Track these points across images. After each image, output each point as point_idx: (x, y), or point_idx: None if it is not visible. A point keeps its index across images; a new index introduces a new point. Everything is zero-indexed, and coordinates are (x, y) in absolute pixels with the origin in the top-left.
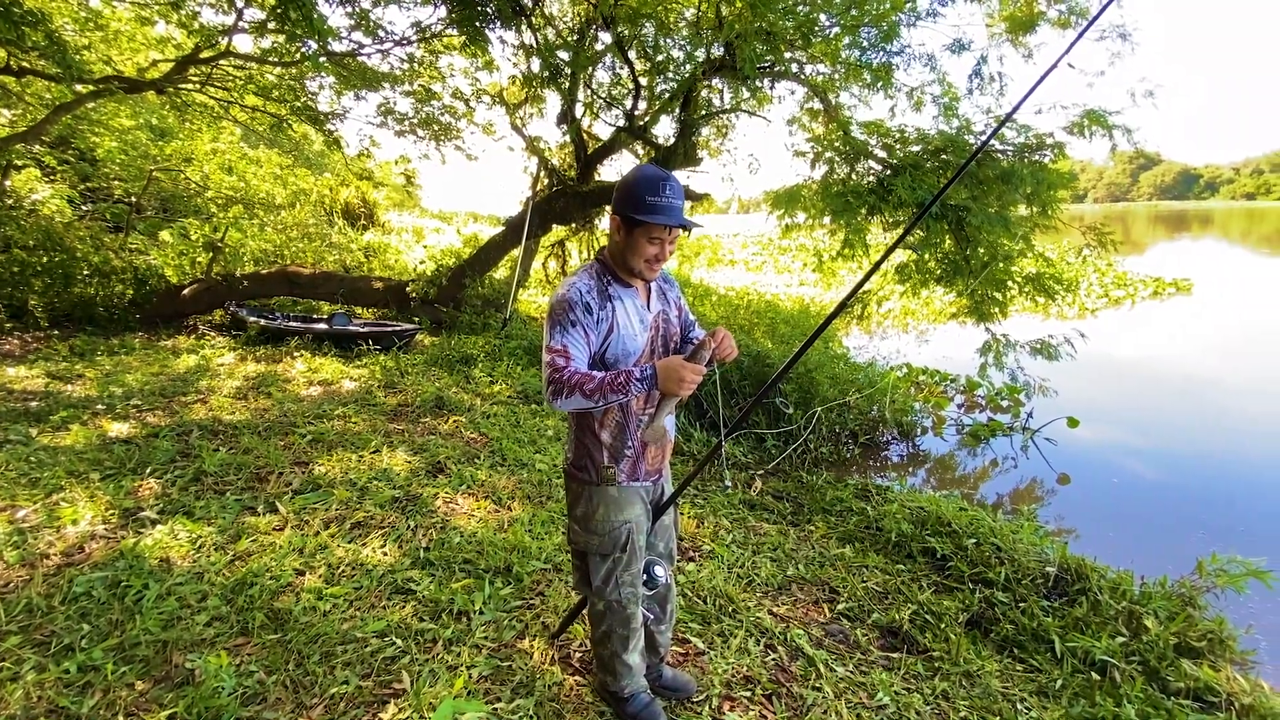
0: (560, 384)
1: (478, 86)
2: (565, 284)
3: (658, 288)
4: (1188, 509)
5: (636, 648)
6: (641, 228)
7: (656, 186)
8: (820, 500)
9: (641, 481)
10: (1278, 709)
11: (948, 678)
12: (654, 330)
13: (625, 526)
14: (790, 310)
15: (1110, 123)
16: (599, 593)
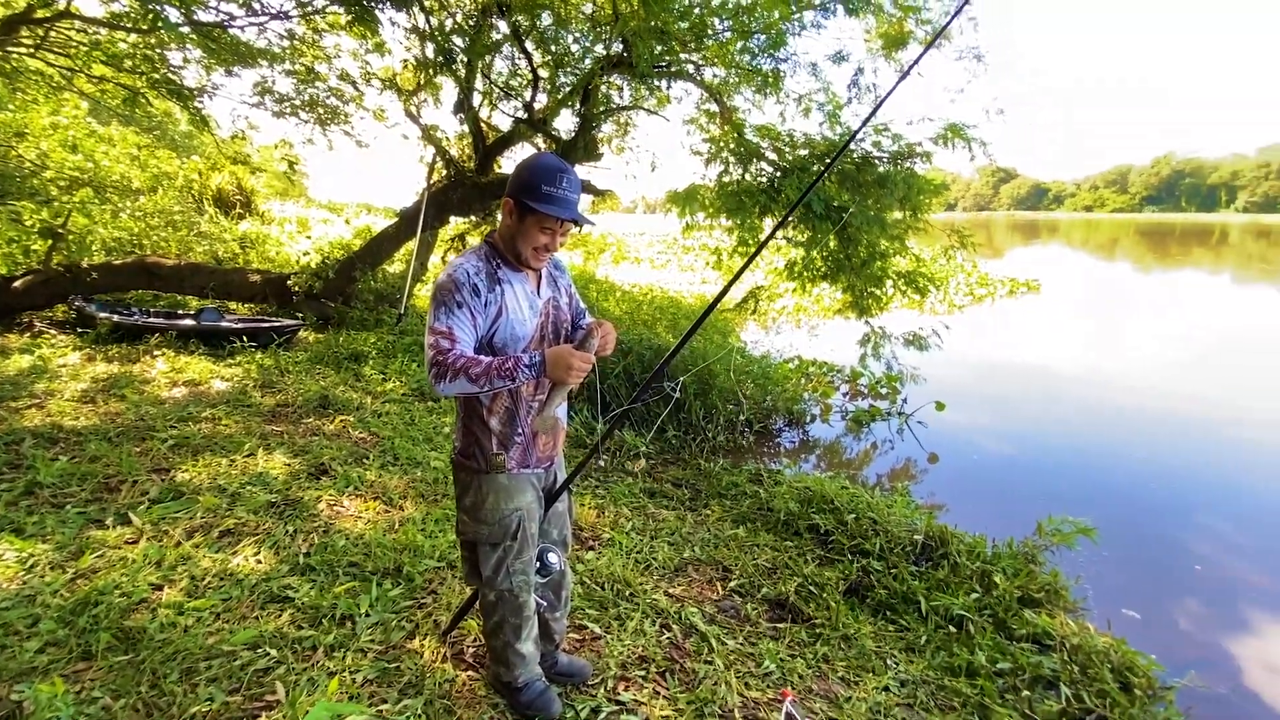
0: (444, 366)
1: (368, 70)
2: (452, 265)
3: (548, 274)
4: (1033, 479)
5: (530, 636)
6: (534, 216)
7: (555, 177)
8: (717, 485)
9: (533, 469)
10: (1100, 646)
11: (828, 642)
12: (544, 316)
13: (516, 514)
14: (692, 306)
15: (969, 135)
16: (490, 583)
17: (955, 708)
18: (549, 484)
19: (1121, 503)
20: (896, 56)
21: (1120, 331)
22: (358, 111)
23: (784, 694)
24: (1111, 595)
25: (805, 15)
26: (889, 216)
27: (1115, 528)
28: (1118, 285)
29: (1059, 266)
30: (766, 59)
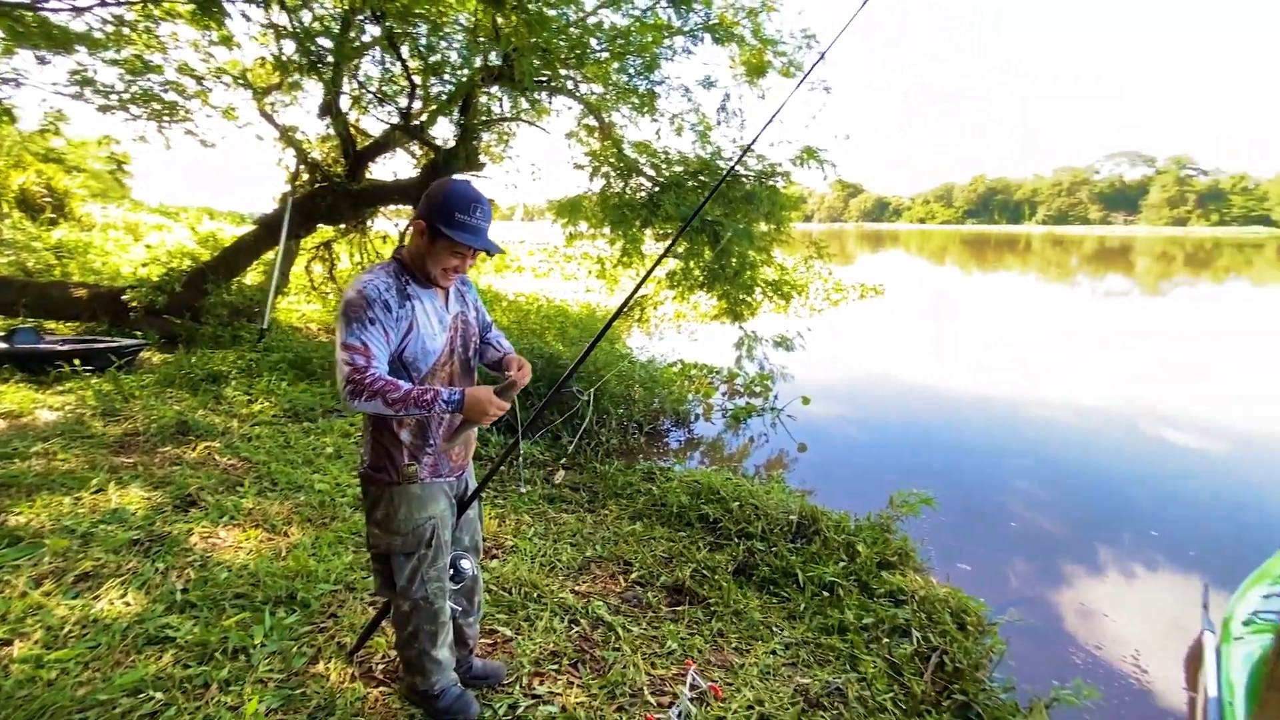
0: (361, 385)
1: (213, 64)
2: (360, 281)
3: (456, 290)
4: (885, 458)
5: (445, 642)
6: (446, 240)
7: (469, 206)
8: (613, 486)
9: (445, 478)
10: (941, 595)
11: (722, 618)
12: (453, 331)
13: (429, 523)
14: (578, 315)
15: (821, 157)
16: (404, 593)
17: (831, 660)
18: (460, 492)
19: (955, 473)
20: (758, 83)
21: (949, 328)
22: (203, 109)
23: (687, 664)
24: (949, 552)
25: (676, 41)
26: (756, 229)
27: (951, 495)
28: (947, 288)
29: (899, 273)
30: (642, 80)
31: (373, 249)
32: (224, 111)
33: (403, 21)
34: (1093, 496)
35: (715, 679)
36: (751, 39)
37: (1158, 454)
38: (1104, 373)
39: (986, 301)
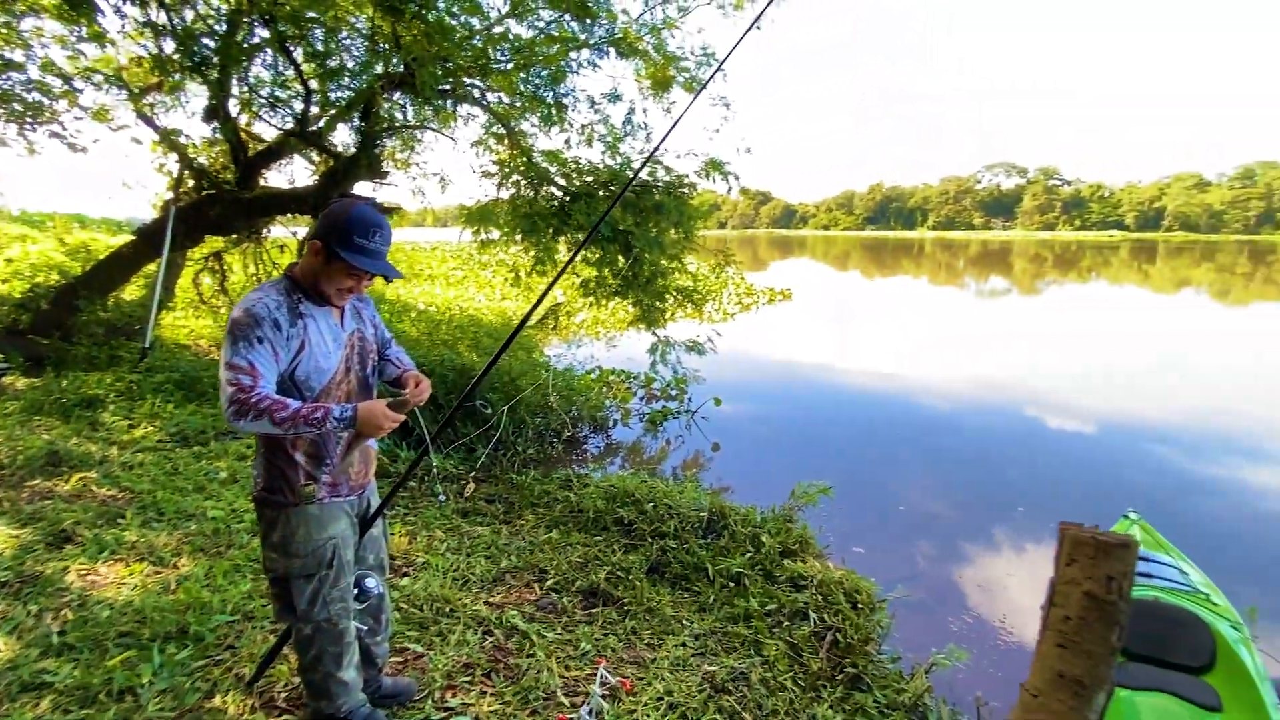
0: (246, 405)
1: (82, 62)
2: (248, 299)
3: (352, 306)
4: (791, 452)
5: (351, 663)
6: (342, 262)
7: (369, 231)
8: (529, 496)
9: (345, 497)
10: (836, 578)
11: (635, 616)
12: (349, 349)
13: (330, 543)
14: (493, 324)
15: (725, 169)
16: (306, 616)
17: (737, 648)
18: (362, 510)
19: (853, 463)
20: (663, 97)
21: (850, 327)
22: (71, 109)
23: (598, 662)
24: (846, 537)
25: (582, 53)
26: (667, 238)
27: (848, 484)
28: (849, 290)
29: (806, 277)
30: (548, 91)
31: (269, 259)
32: (95, 113)
33: (295, 25)
34: (971, 478)
35: (627, 675)
36: (655, 54)
37: (1029, 436)
38: (985, 365)
39: (884, 302)
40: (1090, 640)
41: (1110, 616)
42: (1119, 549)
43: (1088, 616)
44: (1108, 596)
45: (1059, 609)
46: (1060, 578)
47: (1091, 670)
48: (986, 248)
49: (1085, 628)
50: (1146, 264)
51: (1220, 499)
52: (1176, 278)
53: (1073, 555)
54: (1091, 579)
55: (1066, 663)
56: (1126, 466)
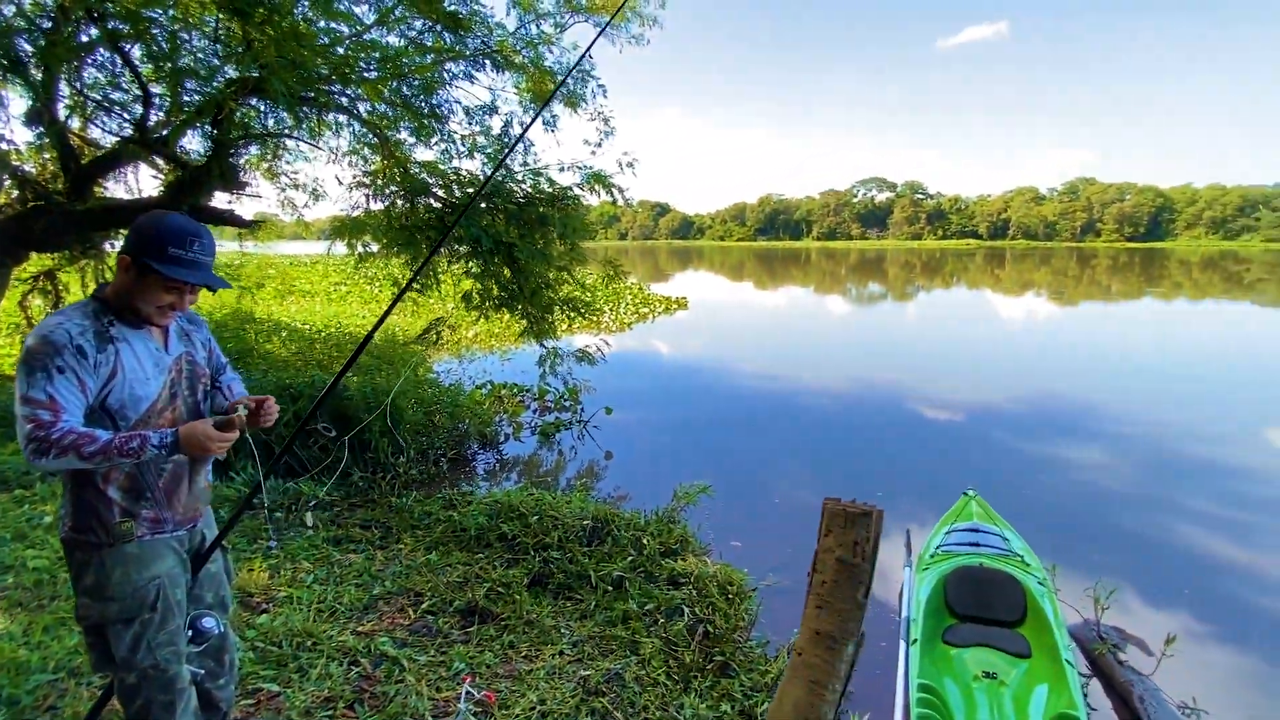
0: (46, 443)
1: None
2: (46, 325)
3: (179, 328)
4: (680, 455)
5: (187, 710)
6: (157, 276)
7: (185, 241)
8: (410, 519)
9: (171, 533)
10: (712, 572)
11: (514, 630)
12: (175, 374)
13: (154, 583)
14: (376, 341)
15: (609, 182)
16: (127, 664)
17: (614, 650)
18: (195, 545)
19: (735, 461)
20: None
21: (741, 333)
22: None
23: (464, 679)
24: (725, 532)
25: (459, 64)
26: (553, 250)
27: (730, 481)
28: (742, 298)
29: (703, 285)
30: (421, 101)
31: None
32: None
33: (130, 23)
34: (840, 467)
35: (501, 688)
36: (533, 68)
37: (892, 427)
38: (859, 363)
39: (773, 308)
40: (841, 599)
41: (856, 577)
42: (863, 517)
43: (840, 579)
44: (854, 560)
45: (819, 574)
46: (820, 547)
47: (841, 626)
48: (864, 256)
49: (837, 589)
50: (997, 269)
51: (1045, 473)
52: (1021, 280)
53: (829, 526)
54: (842, 545)
55: (822, 621)
56: (973, 449)
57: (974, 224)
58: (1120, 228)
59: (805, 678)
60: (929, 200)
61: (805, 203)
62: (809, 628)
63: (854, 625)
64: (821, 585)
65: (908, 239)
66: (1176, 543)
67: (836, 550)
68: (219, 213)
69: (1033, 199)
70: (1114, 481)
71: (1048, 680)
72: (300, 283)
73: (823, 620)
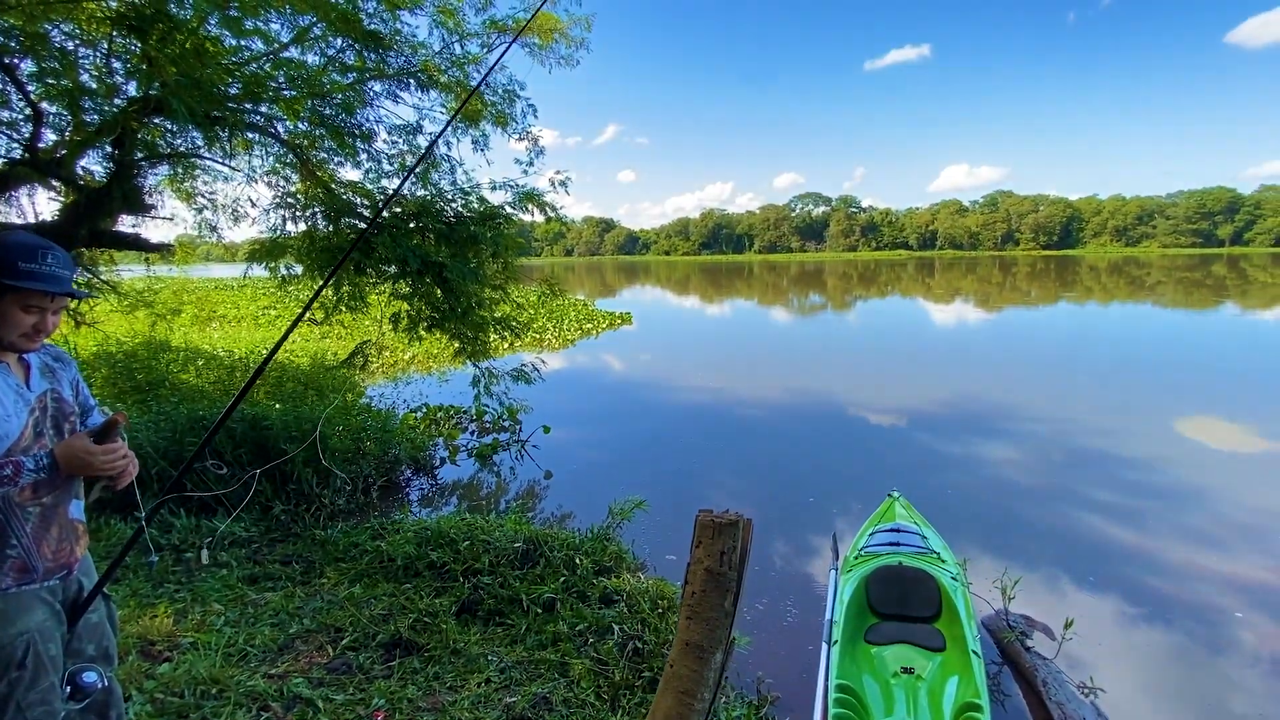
0: None
1: None
2: None
3: (43, 364)
4: (618, 470)
5: None
6: (14, 294)
7: (35, 254)
8: (334, 551)
9: (41, 582)
10: (645, 587)
11: (439, 661)
12: (39, 411)
13: (21, 639)
14: (302, 365)
15: (542, 200)
16: None
17: (543, 673)
18: (72, 595)
19: (672, 475)
20: (475, 129)
21: (684, 348)
22: None
23: (375, 716)
24: (660, 547)
25: (379, 84)
26: (486, 269)
27: (666, 495)
28: (684, 312)
29: (648, 300)
30: (342, 120)
31: None
32: None
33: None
34: (774, 475)
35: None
36: (458, 89)
37: (825, 434)
38: (797, 375)
39: (714, 321)
40: (708, 608)
41: (723, 585)
42: (729, 527)
43: (707, 589)
44: (720, 569)
45: (689, 586)
46: (691, 559)
47: (709, 635)
48: (804, 268)
49: (705, 598)
50: (928, 278)
51: (963, 472)
52: (950, 288)
53: (700, 538)
54: (710, 555)
55: (692, 632)
56: (900, 452)
57: (904, 235)
58: (1036, 236)
59: (675, 688)
60: (862, 214)
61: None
62: (680, 639)
63: (722, 634)
64: (691, 596)
65: (844, 251)
66: (1081, 532)
67: (705, 561)
68: (123, 236)
69: (957, 211)
70: (1025, 476)
71: (958, 672)
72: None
73: (692, 630)
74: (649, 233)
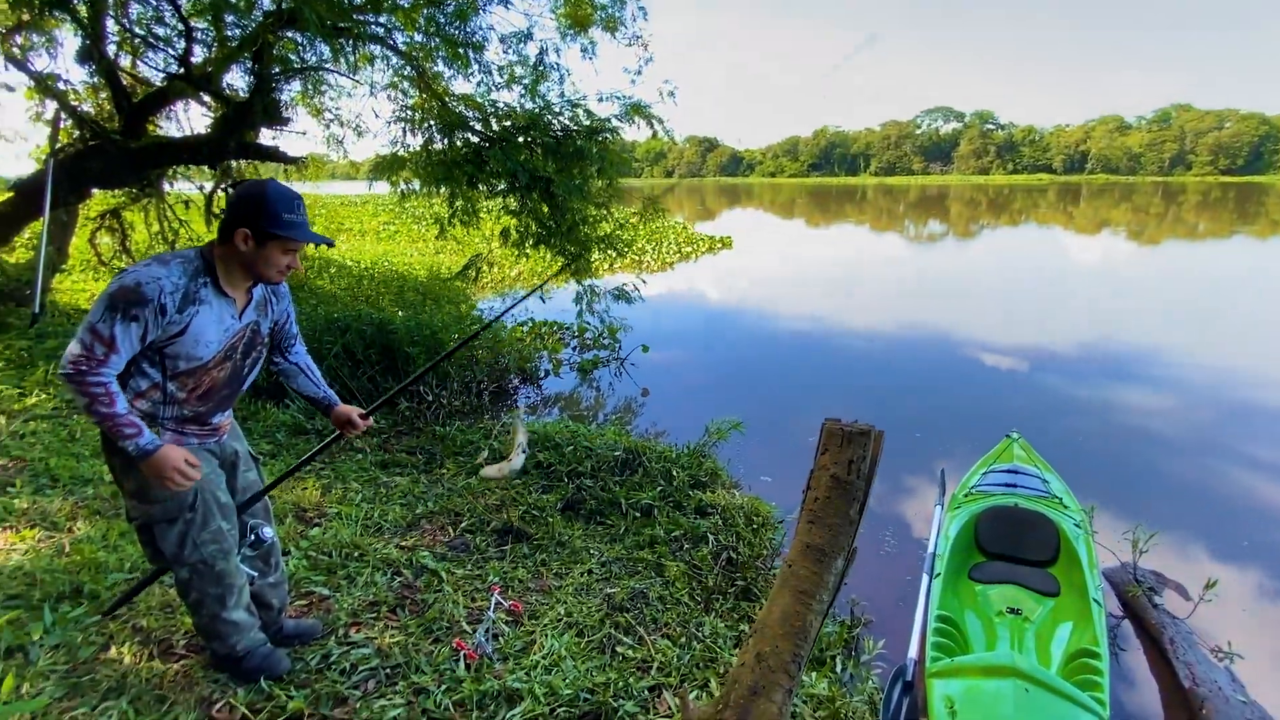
0: (82, 381)
1: None
2: (146, 273)
3: (262, 298)
4: (719, 393)
5: (239, 604)
6: (277, 241)
7: (292, 205)
8: (452, 447)
9: (199, 442)
10: (740, 504)
11: (546, 550)
12: (237, 339)
13: (191, 486)
14: (420, 277)
15: (649, 113)
16: (177, 559)
17: (640, 571)
18: (229, 456)
19: (772, 401)
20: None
21: (785, 273)
22: None
23: (493, 589)
24: (756, 468)
25: None
26: (592, 185)
27: (765, 419)
28: (789, 236)
29: (749, 224)
30: (457, 28)
31: (174, 216)
32: None
33: None
34: (882, 409)
35: (531, 601)
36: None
37: (941, 370)
38: (911, 306)
39: (822, 248)
40: (832, 514)
41: (850, 493)
42: (859, 436)
43: (832, 495)
44: (848, 477)
45: (812, 491)
46: (816, 465)
47: (831, 540)
48: (925, 193)
49: (829, 504)
50: (1071, 205)
51: (1096, 418)
52: (1097, 218)
53: (826, 445)
54: (838, 463)
55: (813, 535)
56: (1022, 393)
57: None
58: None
59: (794, 588)
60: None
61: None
62: (800, 541)
63: (845, 540)
64: (814, 501)
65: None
66: (1236, 492)
67: (831, 468)
68: (265, 149)
69: (1116, 128)
70: (1173, 429)
71: (1073, 618)
72: (349, 222)
73: (813, 534)
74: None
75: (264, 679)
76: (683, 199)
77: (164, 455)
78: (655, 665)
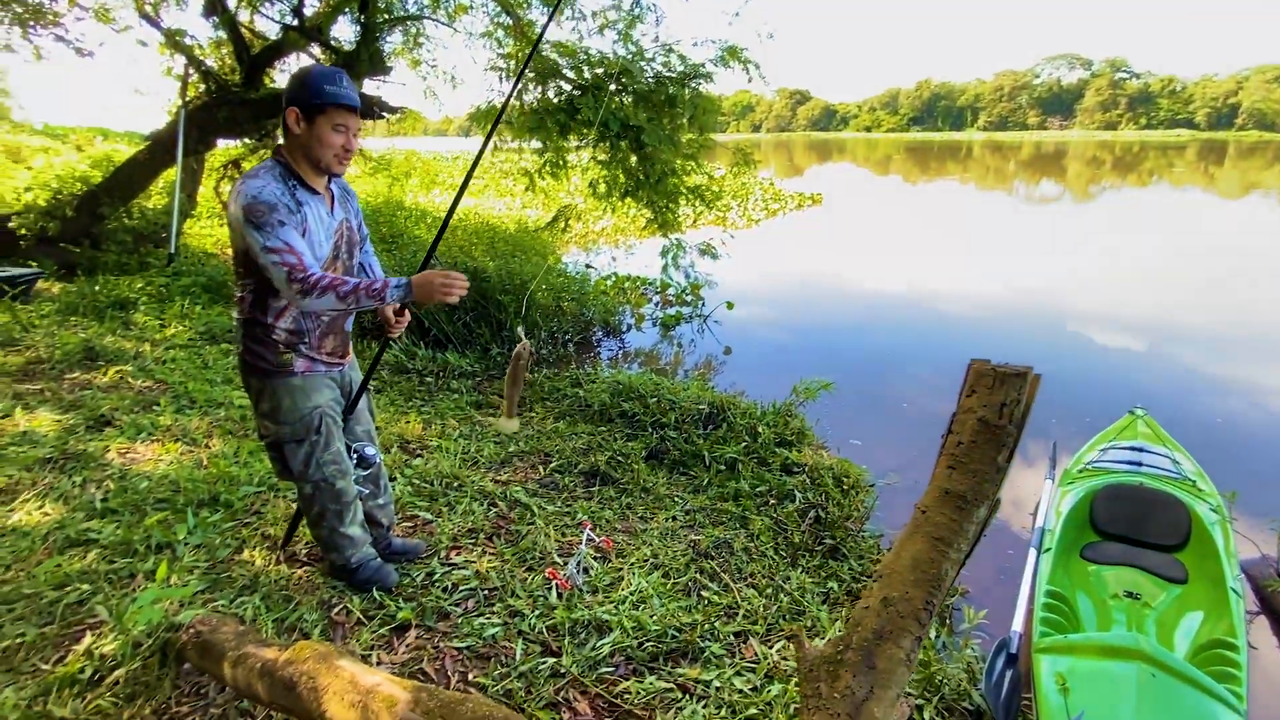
0: (309, 282)
1: None
2: (253, 187)
3: (341, 193)
4: (800, 354)
5: (354, 520)
6: (324, 115)
7: (333, 77)
8: (540, 392)
9: (325, 372)
10: (828, 464)
11: (631, 494)
12: (339, 237)
13: (315, 411)
14: (508, 230)
15: (745, 58)
16: (302, 476)
17: (724, 522)
18: (345, 384)
19: (863, 365)
20: None
21: (879, 234)
22: (72, 10)
23: (584, 524)
24: (846, 431)
25: None
26: (683, 135)
27: (854, 383)
28: (885, 196)
29: (841, 181)
30: None
31: None
32: (96, 13)
33: None
34: None
35: (619, 540)
36: None
37: (1053, 341)
38: (1020, 274)
39: (919, 210)
40: (977, 460)
41: (999, 439)
42: (1014, 379)
43: (978, 439)
44: (998, 421)
45: (954, 435)
46: (960, 408)
47: (975, 487)
48: (1039, 150)
49: (974, 449)
50: (1213, 166)
51: (1232, 397)
52: (1244, 181)
53: (974, 387)
54: (987, 406)
55: (953, 481)
56: (1147, 371)
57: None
58: None
59: (929, 534)
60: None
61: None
62: (937, 486)
63: (990, 488)
64: (957, 446)
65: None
66: None
67: (979, 411)
68: (369, 98)
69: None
70: None
71: (1204, 608)
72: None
73: (954, 479)
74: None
75: (375, 590)
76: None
77: (423, 277)
78: (741, 612)
